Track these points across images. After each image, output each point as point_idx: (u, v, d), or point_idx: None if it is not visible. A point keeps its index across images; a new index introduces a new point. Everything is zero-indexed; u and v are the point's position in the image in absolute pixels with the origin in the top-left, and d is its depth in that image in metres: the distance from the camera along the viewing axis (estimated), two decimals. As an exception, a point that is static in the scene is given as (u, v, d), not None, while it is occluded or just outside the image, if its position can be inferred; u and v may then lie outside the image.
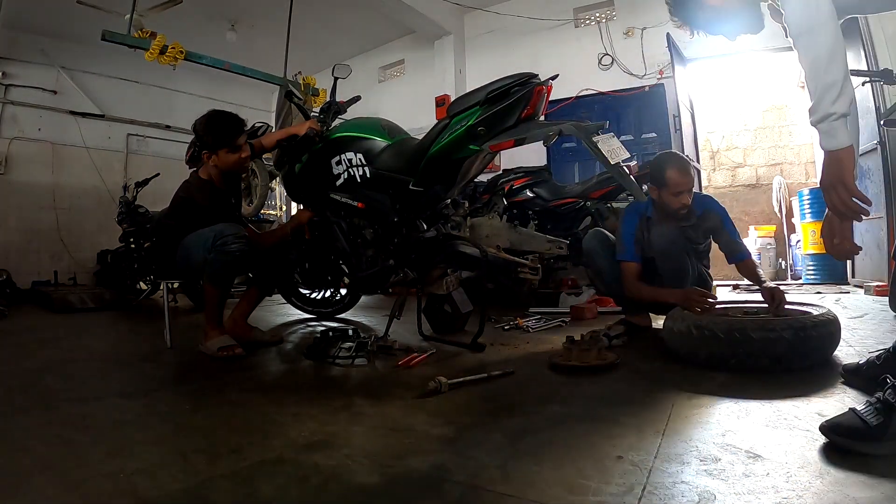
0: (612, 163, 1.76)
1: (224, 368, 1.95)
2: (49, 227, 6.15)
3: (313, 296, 3.23)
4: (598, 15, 5.94)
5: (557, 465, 0.99)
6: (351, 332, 2.19)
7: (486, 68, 6.06)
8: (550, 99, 2.05)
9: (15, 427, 1.32)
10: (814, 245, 5.08)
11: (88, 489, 0.93)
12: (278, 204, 7.46)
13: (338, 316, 3.21)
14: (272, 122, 6.61)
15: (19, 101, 5.97)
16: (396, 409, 1.38)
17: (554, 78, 2.02)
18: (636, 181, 2.05)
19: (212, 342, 2.14)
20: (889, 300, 2.70)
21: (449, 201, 2.38)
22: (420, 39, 6.75)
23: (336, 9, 6.11)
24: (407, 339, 2.28)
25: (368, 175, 2.26)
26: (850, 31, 3.89)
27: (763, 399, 1.32)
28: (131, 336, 3.09)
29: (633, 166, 3.21)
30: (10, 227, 5.90)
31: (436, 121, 2.38)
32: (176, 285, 3.96)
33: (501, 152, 2.74)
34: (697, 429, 1.17)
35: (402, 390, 1.56)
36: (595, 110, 5.56)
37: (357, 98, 2.77)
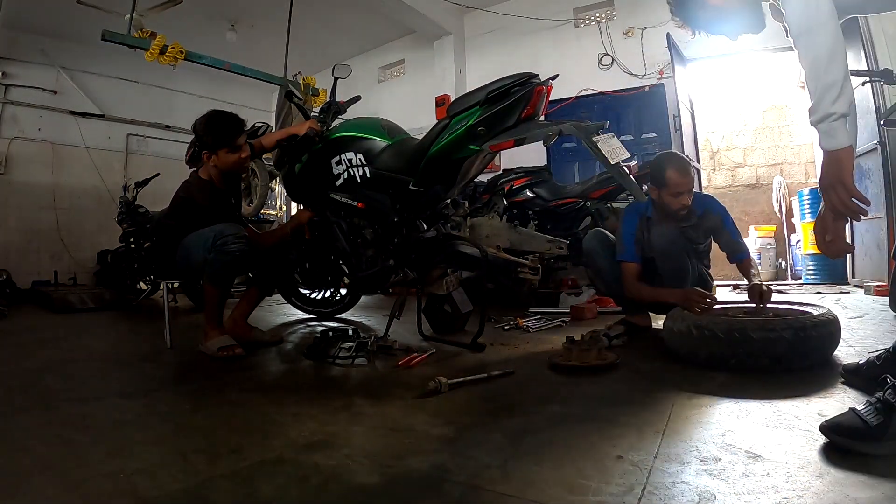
0: (612, 163, 1.76)
1: (224, 368, 1.95)
2: (49, 227, 6.15)
3: (313, 296, 3.23)
4: (598, 15, 5.93)
5: (557, 465, 0.99)
6: (351, 332, 2.19)
7: (486, 68, 6.07)
8: (550, 99, 2.05)
9: (15, 427, 1.31)
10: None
11: (88, 489, 0.93)
12: (278, 204, 7.46)
13: (338, 316, 3.21)
14: (272, 122, 6.61)
15: (19, 101, 5.97)
16: (396, 409, 1.38)
17: (554, 78, 2.02)
18: (636, 181, 2.05)
19: (212, 342, 2.14)
20: (889, 300, 2.70)
21: (449, 201, 2.38)
22: (420, 39, 6.75)
23: (336, 9, 6.10)
24: (407, 339, 2.28)
25: (368, 175, 2.26)
26: (850, 31, 3.89)
27: (763, 399, 1.32)
28: (131, 336, 3.09)
29: (633, 166, 3.21)
30: (10, 227, 5.90)
31: (436, 121, 2.38)
32: (176, 285, 3.96)
33: (501, 152, 2.75)
34: (697, 429, 1.17)
35: (402, 390, 1.56)
36: (595, 110, 5.55)
37: (357, 98, 2.77)
